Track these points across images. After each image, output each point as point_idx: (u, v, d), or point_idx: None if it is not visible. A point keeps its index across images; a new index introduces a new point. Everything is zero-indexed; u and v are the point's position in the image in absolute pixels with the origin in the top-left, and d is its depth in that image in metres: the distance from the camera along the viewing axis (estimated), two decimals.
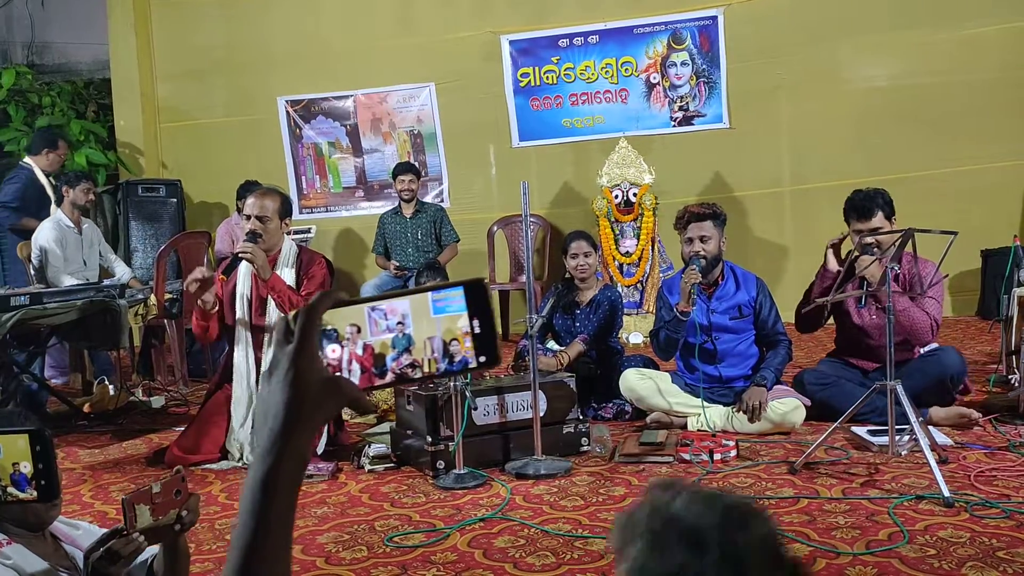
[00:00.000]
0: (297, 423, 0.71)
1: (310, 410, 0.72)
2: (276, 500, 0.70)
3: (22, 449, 1.59)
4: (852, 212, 3.74)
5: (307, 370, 0.72)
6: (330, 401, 0.73)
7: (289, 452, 0.71)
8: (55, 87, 7.32)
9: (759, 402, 3.69)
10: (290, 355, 0.72)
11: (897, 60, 6.44)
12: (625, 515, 0.84)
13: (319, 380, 0.73)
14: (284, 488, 0.71)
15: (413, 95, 7.12)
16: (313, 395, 0.72)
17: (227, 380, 3.83)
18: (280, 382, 0.72)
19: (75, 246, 5.49)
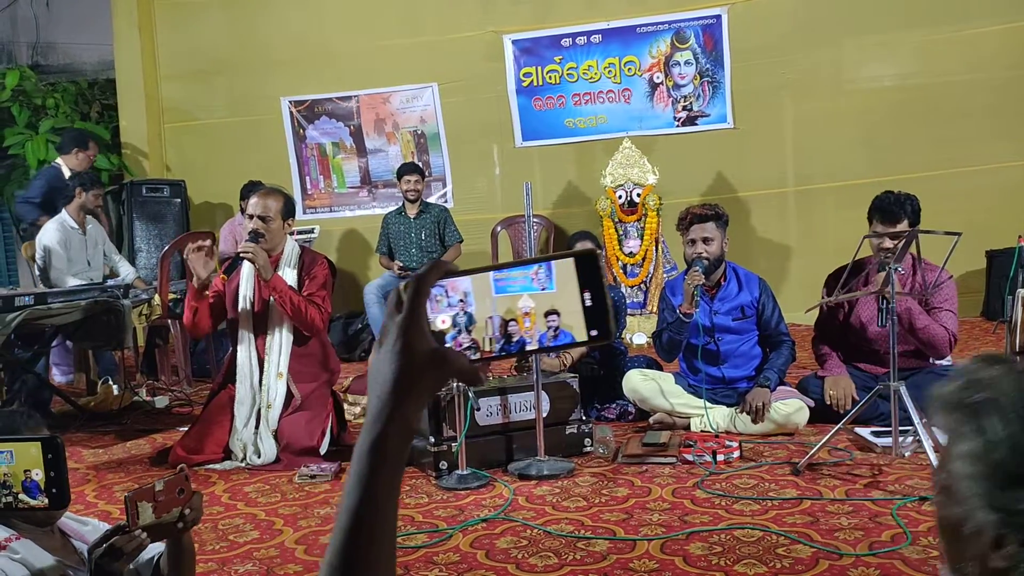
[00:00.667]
0: (404, 393, 0.72)
1: (417, 380, 0.73)
2: (383, 468, 0.72)
3: (35, 456, 1.60)
4: (877, 213, 3.67)
5: (415, 341, 0.73)
6: (438, 372, 0.74)
7: (396, 421, 0.72)
8: (59, 87, 7.34)
9: (762, 403, 3.68)
10: (399, 325, 0.73)
11: (902, 60, 6.42)
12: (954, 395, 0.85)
13: (427, 351, 0.73)
14: (391, 456, 0.72)
15: (416, 95, 7.13)
16: (420, 365, 0.73)
17: (230, 380, 3.84)
18: (389, 352, 0.73)
19: (79, 247, 5.50)
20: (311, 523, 2.97)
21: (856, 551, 2.45)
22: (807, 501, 2.87)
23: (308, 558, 2.66)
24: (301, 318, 3.70)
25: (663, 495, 3.04)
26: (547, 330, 0.79)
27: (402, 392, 0.72)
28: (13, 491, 1.64)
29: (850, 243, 3.84)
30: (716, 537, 2.62)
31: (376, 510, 0.72)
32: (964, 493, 0.84)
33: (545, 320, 0.79)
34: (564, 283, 0.78)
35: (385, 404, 0.72)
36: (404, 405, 0.73)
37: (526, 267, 0.79)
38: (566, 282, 0.78)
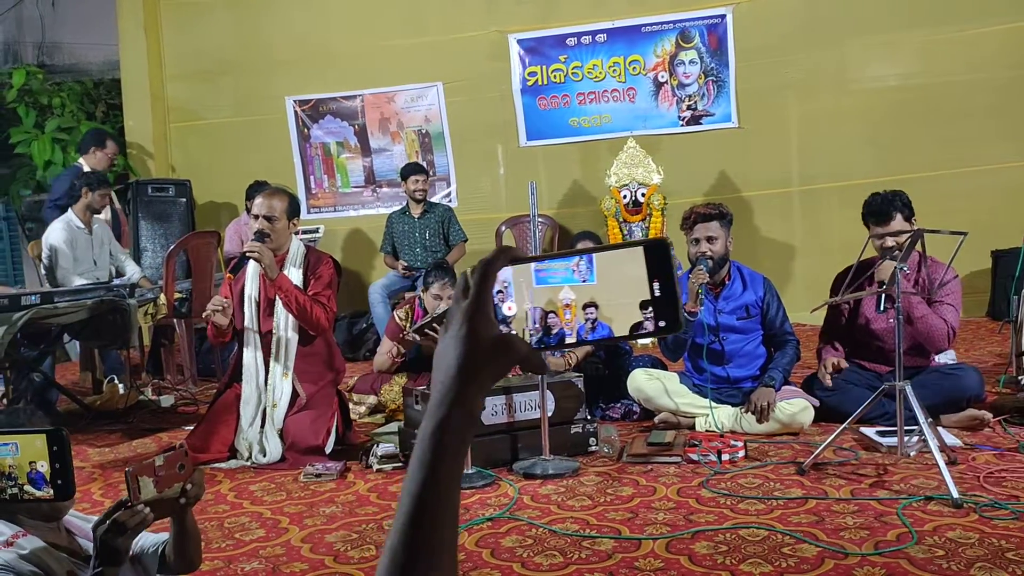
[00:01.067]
0: (468, 379, 0.73)
1: (482, 366, 0.73)
2: (445, 452, 0.72)
3: (40, 448, 1.61)
4: (870, 217, 3.68)
5: (480, 327, 0.73)
6: (502, 358, 0.74)
7: (459, 406, 0.73)
8: (65, 87, 7.36)
9: (767, 402, 3.68)
10: (465, 311, 0.74)
11: (907, 60, 6.41)
12: None
13: (491, 337, 0.74)
14: (453, 441, 0.72)
15: (421, 95, 7.13)
16: (485, 351, 0.73)
17: (236, 380, 3.85)
18: (453, 338, 0.74)
19: (85, 246, 5.52)
20: (316, 522, 2.97)
21: (862, 550, 2.45)
22: (812, 500, 2.87)
23: (314, 556, 2.66)
24: (307, 317, 3.71)
25: (668, 494, 3.04)
26: (585, 322, 0.79)
27: (466, 377, 0.73)
28: (19, 482, 1.65)
29: (854, 243, 3.84)
30: (721, 536, 2.62)
31: (438, 494, 0.72)
32: None
33: (584, 312, 0.79)
34: (608, 275, 0.78)
35: (449, 389, 0.73)
36: (468, 390, 0.73)
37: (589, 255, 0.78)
38: (612, 274, 0.78)
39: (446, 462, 0.72)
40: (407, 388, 3.99)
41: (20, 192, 7.40)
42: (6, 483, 1.65)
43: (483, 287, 0.74)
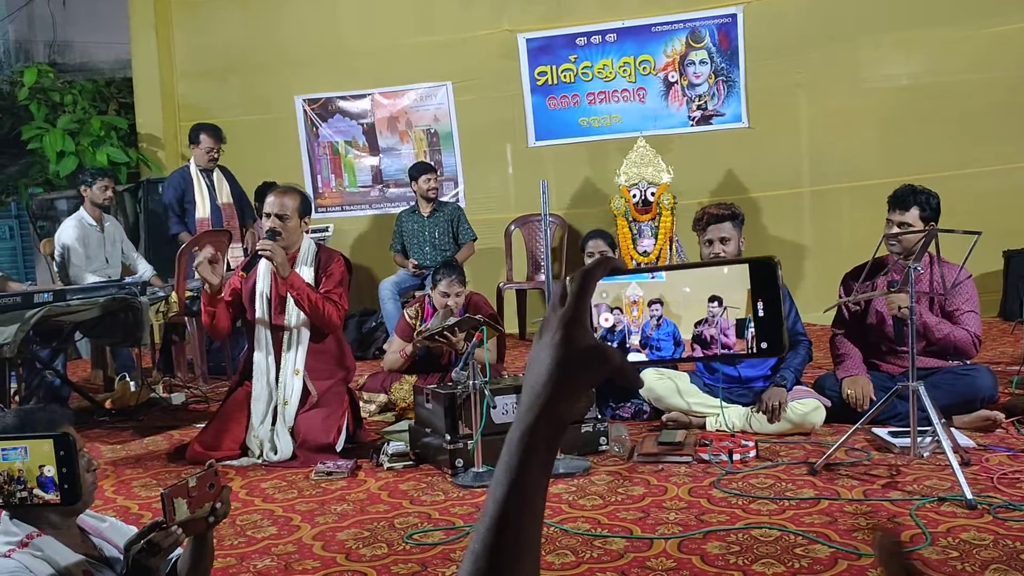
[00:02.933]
0: (559, 386, 0.72)
1: (574, 374, 0.73)
2: (532, 459, 0.71)
3: (47, 453, 1.63)
4: (891, 201, 3.74)
5: (575, 335, 0.73)
6: (595, 368, 0.73)
7: (548, 412, 0.72)
8: (76, 85, 7.39)
9: (779, 402, 3.67)
10: (561, 318, 0.73)
11: (919, 59, 6.38)
12: None
13: (586, 346, 0.73)
14: (541, 448, 0.72)
15: (430, 94, 7.13)
16: (578, 360, 0.73)
17: (247, 378, 3.86)
18: (548, 344, 0.73)
19: (97, 244, 5.54)
20: (328, 520, 2.98)
21: (874, 551, 2.44)
22: (825, 501, 2.86)
23: (325, 554, 2.67)
24: (318, 315, 3.72)
25: (679, 494, 3.04)
26: (651, 319, 0.78)
27: (557, 384, 0.72)
28: (28, 486, 1.66)
29: (866, 243, 3.84)
30: (733, 536, 2.61)
31: (523, 501, 0.71)
32: None
33: (649, 309, 0.78)
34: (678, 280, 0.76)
35: (539, 395, 0.72)
36: (558, 397, 0.72)
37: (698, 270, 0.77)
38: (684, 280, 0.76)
39: (532, 469, 0.71)
40: (417, 386, 3.99)
41: (31, 190, 7.42)
42: (16, 487, 1.66)
43: (581, 295, 0.73)
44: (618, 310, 0.78)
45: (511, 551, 0.70)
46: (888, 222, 3.70)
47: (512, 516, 0.70)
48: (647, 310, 0.78)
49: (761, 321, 0.74)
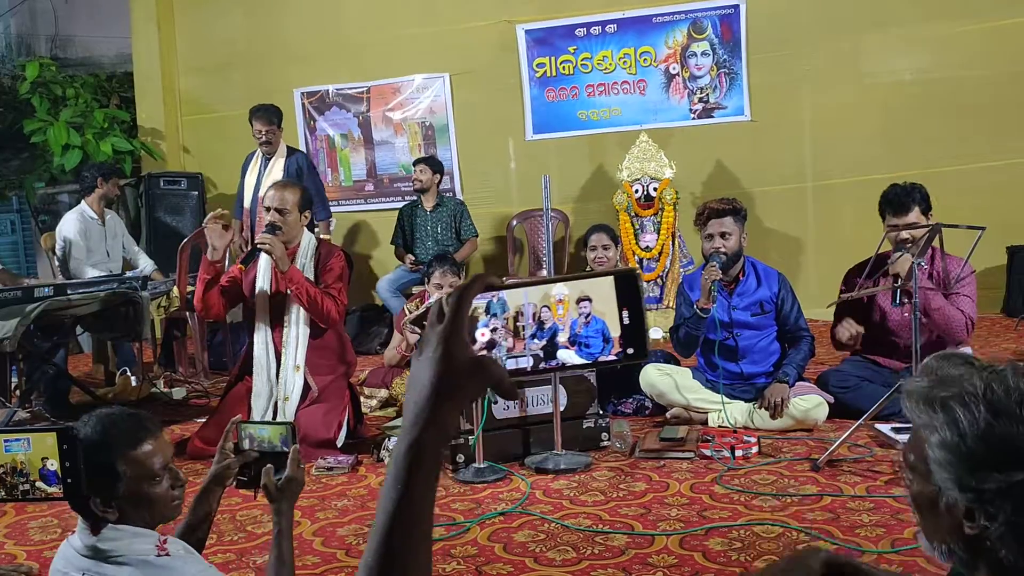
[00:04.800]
0: (442, 399, 0.74)
1: (455, 388, 0.75)
2: (419, 471, 0.74)
3: (50, 446, 1.61)
4: (888, 207, 3.68)
5: (455, 349, 0.75)
6: (476, 381, 0.76)
7: (433, 426, 0.74)
8: (78, 79, 7.37)
9: (781, 398, 3.66)
10: (440, 334, 0.75)
11: (922, 53, 6.34)
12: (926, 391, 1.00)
13: (466, 360, 0.75)
14: (427, 460, 0.74)
15: (426, 86, 7.07)
16: (460, 373, 0.75)
17: (247, 372, 3.85)
18: (429, 359, 0.75)
19: (99, 238, 5.53)
20: (328, 515, 2.97)
21: (878, 548, 2.43)
22: (827, 498, 2.85)
23: (325, 550, 2.66)
24: (317, 310, 3.71)
25: (681, 490, 3.03)
26: (579, 316, 0.79)
27: (440, 398, 0.74)
28: (30, 479, 1.65)
29: (869, 238, 3.81)
30: (735, 533, 2.60)
31: (412, 513, 0.73)
32: (937, 476, 0.99)
33: (577, 307, 0.79)
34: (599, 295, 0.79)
35: (422, 409, 0.74)
36: (441, 411, 0.74)
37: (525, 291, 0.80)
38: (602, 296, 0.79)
39: (420, 481, 0.74)
40: None
41: (34, 184, 7.42)
42: (18, 479, 1.65)
43: (459, 311, 0.76)
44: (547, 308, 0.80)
45: (403, 562, 0.72)
46: (892, 227, 3.63)
47: (402, 528, 0.73)
48: (575, 307, 0.79)
49: (627, 328, 0.78)
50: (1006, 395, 0.96)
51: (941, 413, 0.98)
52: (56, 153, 6.71)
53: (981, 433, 0.96)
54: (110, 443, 1.63)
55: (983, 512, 0.96)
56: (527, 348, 0.80)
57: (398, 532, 0.73)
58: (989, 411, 0.96)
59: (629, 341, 0.78)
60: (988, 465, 0.95)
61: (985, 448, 0.96)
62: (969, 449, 0.96)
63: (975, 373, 1.00)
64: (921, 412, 1.01)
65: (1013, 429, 0.95)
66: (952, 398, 0.98)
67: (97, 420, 1.66)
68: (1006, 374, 0.98)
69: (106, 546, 1.61)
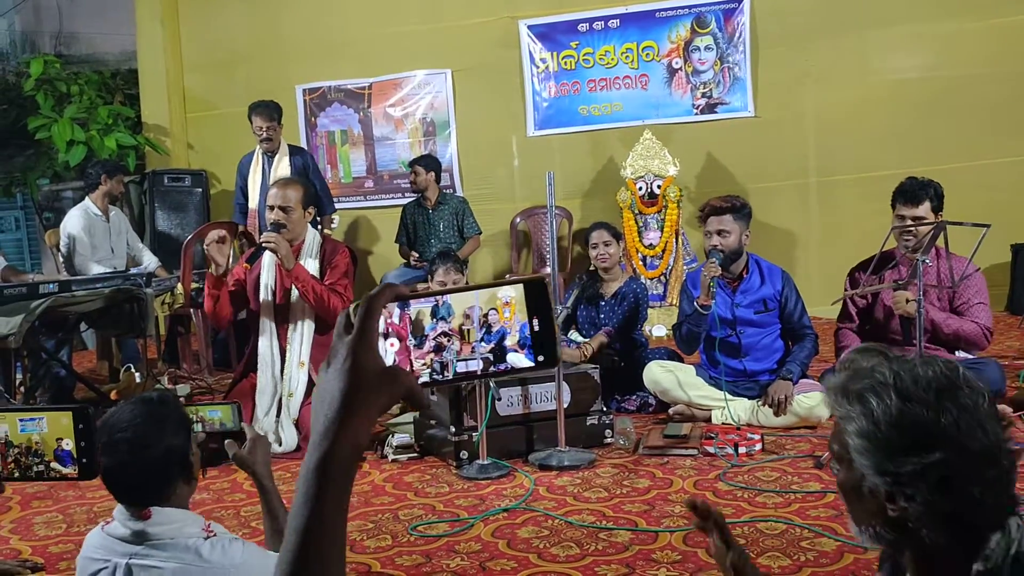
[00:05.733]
0: (353, 411, 0.72)
1: (366, 399, 0.73)
2: (331, 486, 0.71)
3: (66, 426, 1.61)
4: (900, 196, 3.68)
5: (365, 360, 0.73)
6: (387, 391, 0.74)
7: (344, 439, 0.72)
8: (82, 77, 7.38)
9: (785, 396, 3.66)
10: (349, 345, 0.74)
11: (928, 50, 6.33)
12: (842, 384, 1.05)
13: (376, 370, 0.74)
14: (339, 475, 0.72)
15: (428, 81, 7.05)
16: (370, 384, 0.73)
17: (252, 369, 3.86)
18: (338, 371, 0.73)
19: (103, 234, 5.54)
20: None
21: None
22: (830, 495, 2.85)
23: None
24: (323, 307, 3.71)
25: (685, 487, 3.03)
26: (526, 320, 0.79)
27: (351, 411, 0.72)
28: (45, 459, 1.65)
29: (873, 235, 3.81)
30: (739, 530, 2.60)
31: (325, 530, 0.71)
32: (858, 463, 1.05)
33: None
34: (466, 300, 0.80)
35: (333, 422, 0.72)
36: (352, 424, 0.72)
37: (475, 292, 0.79)
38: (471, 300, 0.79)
39: (332, 496, 0.71)
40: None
41: (38, 181, 7.43)
42: (32, 460, 1.65)
43: (367, 322, 0.74)
44: (494, 311, 0.80)
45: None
46: (899, 217, 3.65)
47: (315, 545, 0.70)
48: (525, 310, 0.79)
49: (538, 335, 0.78)
50: (914, 383, 1.02)
51: (857, 404, 1.04)
52: (61, 149, 6.71)
53: (893, 420, 1.01)
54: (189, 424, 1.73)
55: (902, 494, 1.02)
56: (476, 351, 0.79)
57: (313, 552, 0.70)
58: (899, 398, 1.01)
59: (539, 348, 0.78)
60: (903, 450, 1.01)
61: (898, 434, 1.01)
62: (884, 436, 1.01)
63: (886, 364, 1.06)
64: (840, 404, 1.06)
65: (923, 414, 1.00)
66: (865, 389, 1.04)
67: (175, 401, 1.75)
68: (914, 364, 1.04)
69: (155, 530, 1.64)
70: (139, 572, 1.61)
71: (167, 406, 1.72)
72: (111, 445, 1.64)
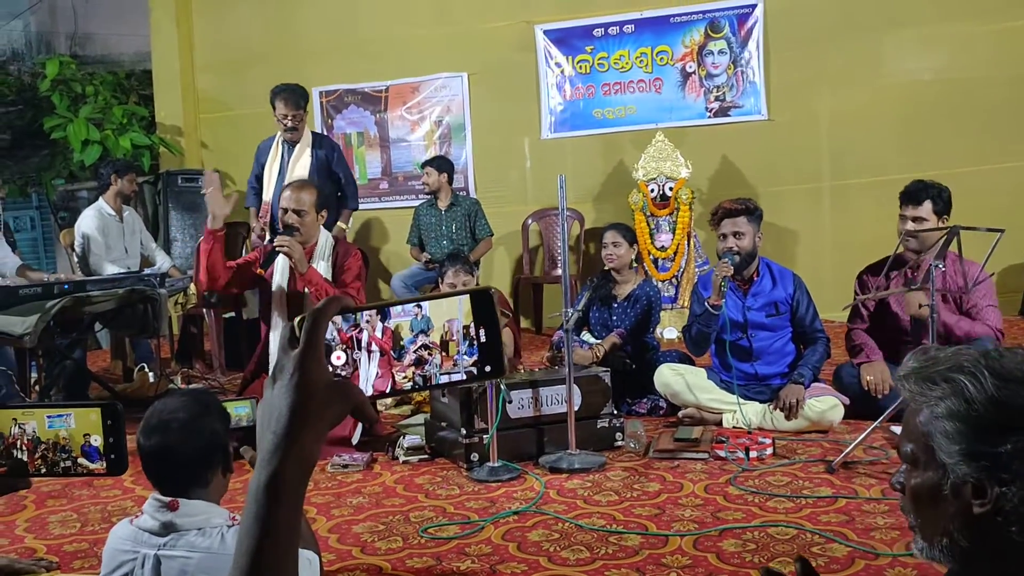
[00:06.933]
0: (302, 427, 0.71)
1: (316, 414, 0.71)
2: (281, 505, 0.70)
3: (94, 422, 1.62)
4: (903, 197, 3.77)
5: (313, 374, 0.72)
6: (335, 406, 0.73)
7: (294, 457, 0.70)
8: (97, 77, 7.43)
9: (796, 400, 3.65)
10: (296, 359, 0.72)
11: (942, 53, 6.30)
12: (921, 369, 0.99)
13: (325, 384, 0.72)
14: (289, 493, 0.70)
15: (445, 85, 7.10)
16: (319, 399, 0.72)
17: (263, 369, 3.88)
18: (285, 386, 0.71)
19: (117, 234, 5.58)
20: (344, 512, 2.99)
21: (893, 551, 2.42)
22: (842, 500, 2.85)
23: (341, 547, 2.68)
24: None
25: (695, 491, 3.03)
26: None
27: (300, 426, 0.70)
28: (72, 455, 1.66)
29: (886, 239, 3.81)
30: (750, 534, 2.60)
31: (277, 549, 0.69)
32: (942, 452, 0.96)
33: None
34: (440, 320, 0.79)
35: (281, 439, 0.70)
36: (301, 439, 0.71)
37: (421, 303, 0.79)
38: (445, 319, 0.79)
39: (283, 515, 0.70)
40: None
41: (53, 181, 7.49)
42: (60, 455, 1.66)
43: (314, 335, 0.73)
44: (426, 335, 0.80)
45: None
46: (902, 218, 3.70)
47: (267, 566, 0.69)
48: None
49: (483, 346, 0.78)
50: (1010, 362, 0.96)
51: (944, 384, 0.97)
52: (76, 149, 6.76)
53: (990, 397, 0.95)
54: (228, 418, 1.87)
55: (996, 479, 0.94)
56: (459, 364, 0.78)
57: (265, 571, 0.68)
58: (994, 376, 0.95)
59: (485, 359, 0.78)
60: (1001, 426, 0.94)
61: (996, 410, 0.94)
62: (979, 414, 0.94)
63: (967, 349, 1.00)
64: (921, 389, 0.99)
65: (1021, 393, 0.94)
66: (952, 369, 0.98)
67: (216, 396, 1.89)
68: (1001, 350, 0.99)
69: (182, 521, 1.72)
70: (167, 563, 1.67)
71: (211, 397, 1.87)
72: (161, 426, 1.75)
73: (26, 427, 1.59)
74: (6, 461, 1.44)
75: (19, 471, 1.32)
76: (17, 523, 3.04)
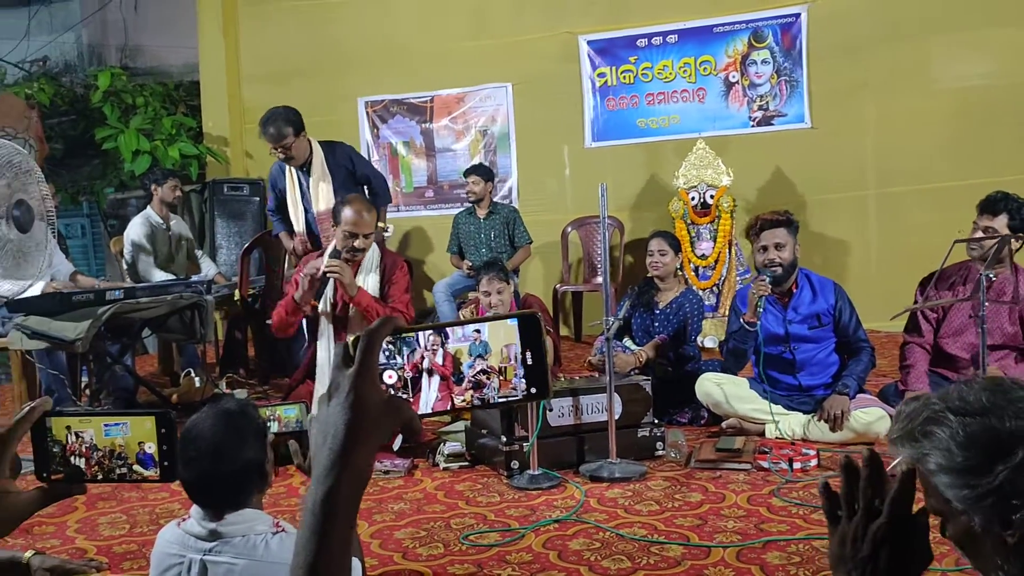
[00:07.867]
0: (357, 444, 0.73)
1: (369, 431, 0.74)
2: (337, 520, 0.72)
3: (148, 430, 1.67)
4: (981, 205, 3.70)
5: (367, 392, 0.74)
6: (389, 421, 0.76)
7: (349, 473, 0.73)
8: (147, 88, 7.61)
9: (841, 411, 3.59)
10: (351, 378, 0.75)
11: (990, 58, 6.18)
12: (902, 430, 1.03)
13: (378, 401, 0.75)
14: (344, 508, 0.73)
15: (490, 95, 7.16)
16: (373, 417, 0.74)
17: (309, 376, 3.93)
18: (340, 404, 0.74)
19: (164, 241, 5.70)
20: (385, 518, 3.02)
21: (942, 566, 2.37)
22: None
23: (383, 552, 2.70)
24: None
25: (738, 502, 3.00)
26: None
27: (355, 443, 0.73)
28: (128, 462, 1.71)
29: (934, 247, 3.73)
30: (794, 547, 2.57)
31: (332, 563, 0.71)
32: (954, 501, 0.99)
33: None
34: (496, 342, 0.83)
35: (338, 456, 0.73)
36: (357, 456, 0.73)
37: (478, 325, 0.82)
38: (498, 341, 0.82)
39: (339, 529, 0.72)
40: None
41: (104, 190, 7.68)
42: (116, 463, 1.71)
43: (368, 355, 0.75)
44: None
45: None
46: (974, 225, 3.63)
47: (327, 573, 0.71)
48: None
49: (530, 368, 0.81)
50: (962, 399, 1.01)
51: (924, 440, 1.01)
52: (126, 159, 6.93)
53: (961, 441, 0.98)
54: (265, 434, 1.83)
55: (1010, 507, 0.96)
56: (517, 388, 0.82)
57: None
58: (957, 415, 0.99)
59: (532, 381, 0.81)
60: (986, 464, 0.97)
61: (972, 450, 0.98)
62: (961, 459, 0.98)
63: (932, 396, 1.04)
64: (911, 450, 1.03)
65: (985, 423, 0.98)
66: (926, 422, 1.02)
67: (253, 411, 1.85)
68: (958, 385, 1.04)
69: (228, 528, 1.74)
70: (213, 568, 1.70)
71: (246, 417, 1.81)
72: (193, 458, 1.74)
73: (83, 435, 1.64)
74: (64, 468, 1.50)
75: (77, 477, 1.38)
76: (68, 524, 3.11)
